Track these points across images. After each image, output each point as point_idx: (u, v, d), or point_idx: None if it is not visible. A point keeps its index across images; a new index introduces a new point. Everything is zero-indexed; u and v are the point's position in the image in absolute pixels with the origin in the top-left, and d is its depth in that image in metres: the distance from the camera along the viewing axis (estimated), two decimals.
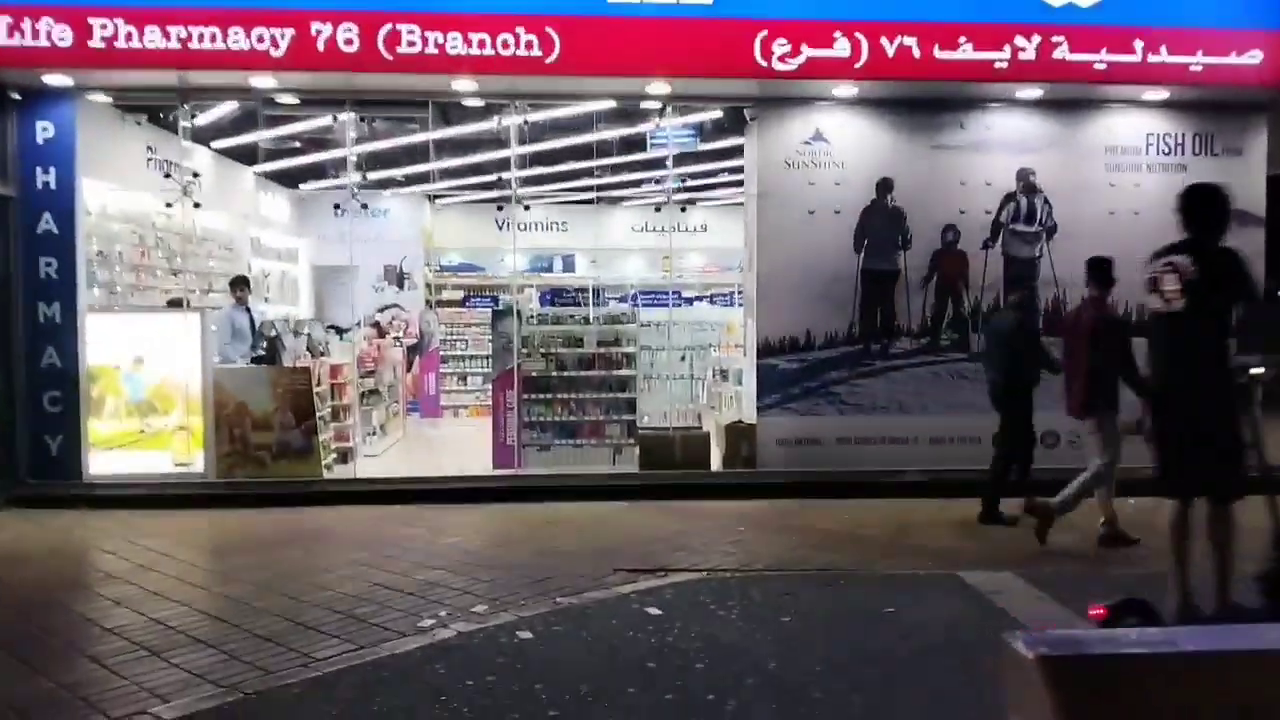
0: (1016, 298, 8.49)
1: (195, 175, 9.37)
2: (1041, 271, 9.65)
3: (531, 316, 10.03)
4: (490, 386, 10.40)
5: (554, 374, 9.83)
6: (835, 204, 9.49)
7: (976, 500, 8.73)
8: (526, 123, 9.39)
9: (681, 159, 11.98)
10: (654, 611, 5.43)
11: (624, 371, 9.98)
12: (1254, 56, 8.79)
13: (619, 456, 9.83)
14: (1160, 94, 9.24)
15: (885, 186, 9.52)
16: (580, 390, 9.88)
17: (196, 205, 9.29)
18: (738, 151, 10.52)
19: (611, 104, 9.66)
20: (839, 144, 9.49)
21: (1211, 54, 8.77)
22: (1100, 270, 7.13)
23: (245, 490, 8.88)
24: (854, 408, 9.53)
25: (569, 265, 16.97)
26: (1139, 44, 8.72)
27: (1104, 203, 9.64)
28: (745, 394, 9.91)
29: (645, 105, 9.73)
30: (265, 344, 9.31)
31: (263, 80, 8.62)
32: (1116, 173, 9.64)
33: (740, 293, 12.30)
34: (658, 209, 12.51)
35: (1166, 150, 9.66)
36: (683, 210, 14.82)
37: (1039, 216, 9.64)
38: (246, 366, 9.32)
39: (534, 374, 9.78)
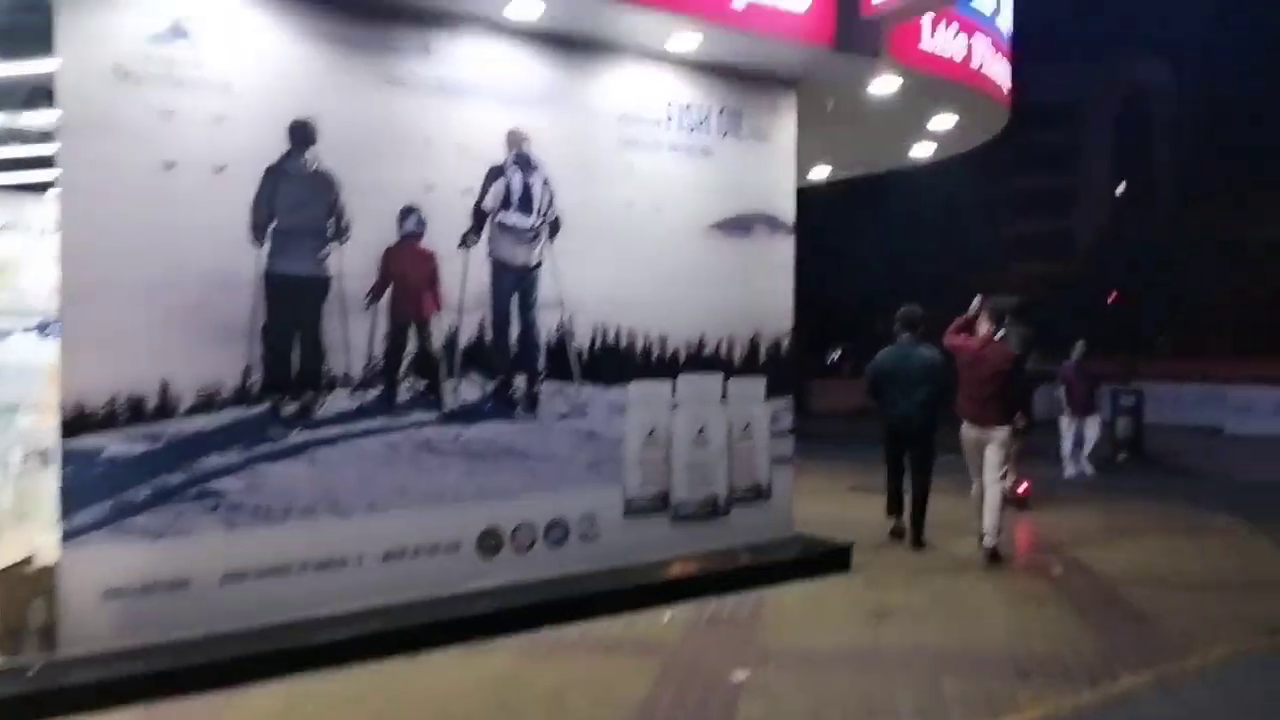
0: (911, 320, 8.34)
1: None
2: (542, 287, 6.56)
3: None
4: None
5: None
6: (215, 154, 5.33)
7: (466, 658, 5.50)
8: None
9: None
10: None
11: None
12: (800, 1, 6.67)
13: None
14: (692, 39, 6.66)
15: (305, 135, 5.62)
16: None
17: None
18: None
19: None
20: (219, 50, 5.37)
21: None
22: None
23: None
24: (254, 515, 5.43)
25: None
26: None
27: (620, 190, 6.88)
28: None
29: None
30: None
31: None
32: (635, 150, 6.94)
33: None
34: None
35: (691, 126, 7.21)
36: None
37: (538, 204, 6.54)
38: None
39: None
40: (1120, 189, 74.84)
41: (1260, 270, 41.11)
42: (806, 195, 10.40)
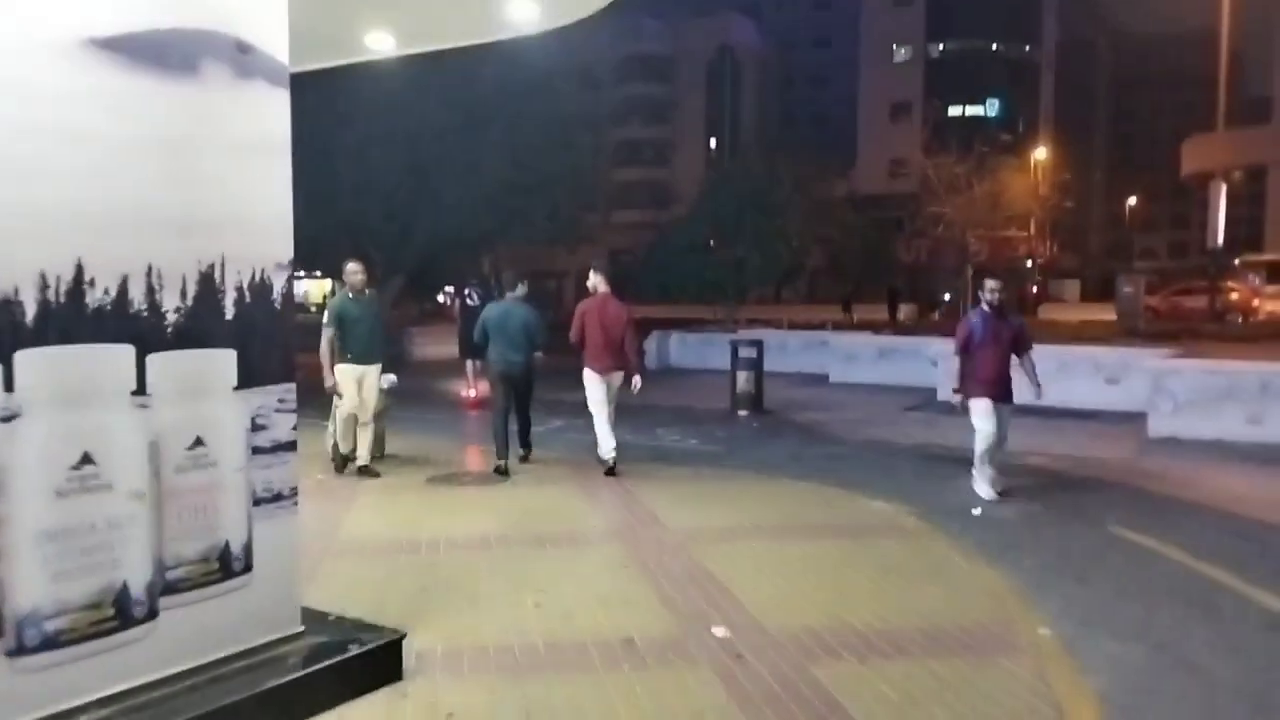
0: (514, 281, 9.54)
1: None
2: None
3: None
4: None
5: None
6: None
7: None
8: None
9: None
10: None
11: None
12: None
13: None
14: None
15: None
16: None
17: None
18: None
19: None
20: None
21: None
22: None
23: None
24: None
25: None
26: None
27: None
28: None
29: None
30: None
31: None
32: None
33: None
34: None
35: None
36: None
37: None
38: None
39: None
40: (713, 143, 78.55)
41: (825, 224, 44.00)
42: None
